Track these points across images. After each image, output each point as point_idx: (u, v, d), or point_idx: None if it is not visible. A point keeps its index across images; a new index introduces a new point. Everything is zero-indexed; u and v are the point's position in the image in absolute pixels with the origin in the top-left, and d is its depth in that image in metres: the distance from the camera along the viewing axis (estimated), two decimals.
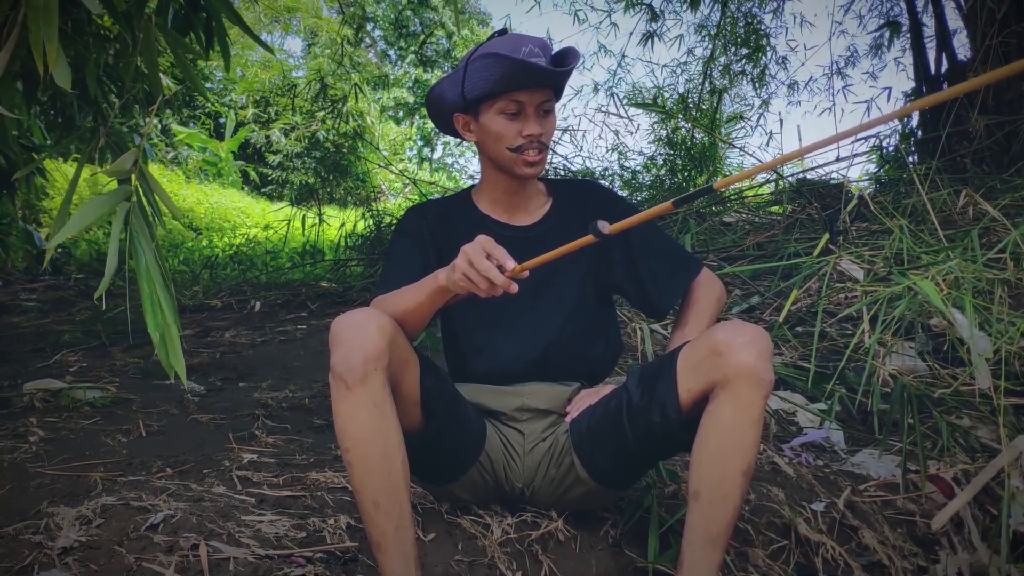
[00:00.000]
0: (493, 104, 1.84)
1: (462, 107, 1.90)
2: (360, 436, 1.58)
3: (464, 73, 1.85)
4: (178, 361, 1.84)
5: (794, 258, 3.43)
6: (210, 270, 7.41)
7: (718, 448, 1.60)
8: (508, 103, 1.82)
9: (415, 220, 2.02)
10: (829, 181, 5.67)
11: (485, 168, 2.00)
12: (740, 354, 1.54)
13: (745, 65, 8.59)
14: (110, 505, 1.94)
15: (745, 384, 1.54)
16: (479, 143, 1.93)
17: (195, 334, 4.94)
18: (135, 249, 1.86)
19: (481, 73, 1.81)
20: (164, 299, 1.85)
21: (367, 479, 1.60)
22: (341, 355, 1.57)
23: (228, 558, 1.74)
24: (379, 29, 24.21)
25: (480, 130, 1.89)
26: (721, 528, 1.61)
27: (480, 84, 1.82)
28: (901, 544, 2.18)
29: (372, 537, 1.62)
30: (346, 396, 1.57)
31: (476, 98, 1.84)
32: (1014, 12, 4.76)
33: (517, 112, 1.84)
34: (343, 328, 1.59)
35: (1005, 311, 2.24)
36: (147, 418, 2.86)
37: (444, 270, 1.61)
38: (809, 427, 2.80)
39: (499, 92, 1.81)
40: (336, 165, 8.06)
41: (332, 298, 6.21)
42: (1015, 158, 4.42)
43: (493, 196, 2.02)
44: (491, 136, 1.87)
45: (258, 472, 2.30)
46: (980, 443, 2.53)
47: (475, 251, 1.50)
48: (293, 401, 3.22)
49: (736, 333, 1.56)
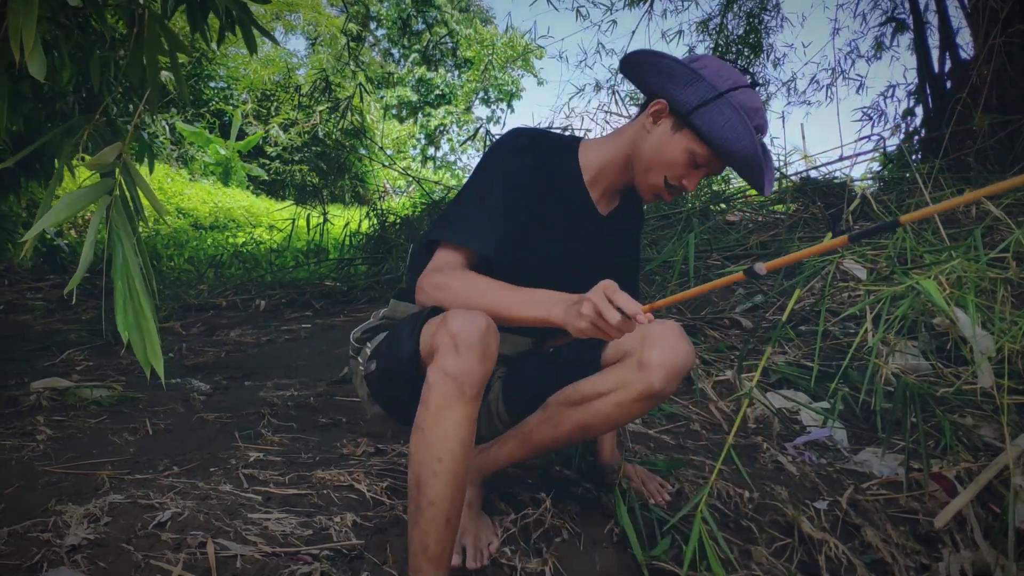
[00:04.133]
0: (699, 144, 1.77)
1: (676, 107, 1.78)
2: (458, 451, 1.52)
3: (710, 98, 1.74)
4: (156, 357, 1.76)
5: None
6: (215, 269, 7.43)
7: (588, 394, 1.78)
8: (708, 159, 1.78)
9: (523, 157, 1.85)
10: (833, 180, 5.68)
11: (623, 151, 1.89)
12: (653, 351, 1.70)
13: (745, 63, 8.61)
14: (118, 503, 1.95)
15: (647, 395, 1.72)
16: (649, 136, 1.83)
17: (200, 333, 4.96)
18: (113, 244, 1.81)
19: (721, 121, 1.73)
20: (142, 295, 1.79)
21: (449, 494, 1.54)
22: (468, 362, 1.49)
23: (235, 556, 1.76)
24: (382, 28, 24.24)
25: (665, 137, 1.80)
26: (538, 440, 1.85)
27: (712, 126, 1.74)
28: (904, 542, 2.19)
29: (430, 550, 1.55)
30: (459, 405, 1.50)
31: (697, 127, 1.75)
32: (1017, 11, 4.76)
33: (701, 167, 1.81)
34: (472, 332, 1.50)
35: (1008, 310, 2.25)
36: (153, 417, 2.87)
37: (560, 305, 1.56)
38: (812, 426, 2.81)
39: (716, 151, 1.76)
40: (335, 162, 8.06)
41: (336, 297, 6.23)
42: (1019, 157, 4.42)
43: (602, 175, 1.93)
44: (664, 154, 1.80)
45: (264, 470, 2.31)
46: (983, 442, 2.54)
47: (602, 302, 1.47)
48: (299, 400, 3.23)
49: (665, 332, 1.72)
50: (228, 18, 2.85)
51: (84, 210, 1.88)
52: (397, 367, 1.71)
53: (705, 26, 8.60)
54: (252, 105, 15.99)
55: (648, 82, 1.85)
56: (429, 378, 1.52)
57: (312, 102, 7.80)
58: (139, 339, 1.77)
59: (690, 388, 3.04)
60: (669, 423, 2.83)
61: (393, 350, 1.75)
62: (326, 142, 8.25)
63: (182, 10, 2.71)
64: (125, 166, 1.94)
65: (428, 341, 1.58)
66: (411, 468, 1.57)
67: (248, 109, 15.77)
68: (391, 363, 1.75)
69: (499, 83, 25.13)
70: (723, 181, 8.29)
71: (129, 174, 1.96)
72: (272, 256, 8.17)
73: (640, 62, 1.85)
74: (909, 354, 2.92)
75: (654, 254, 4.17)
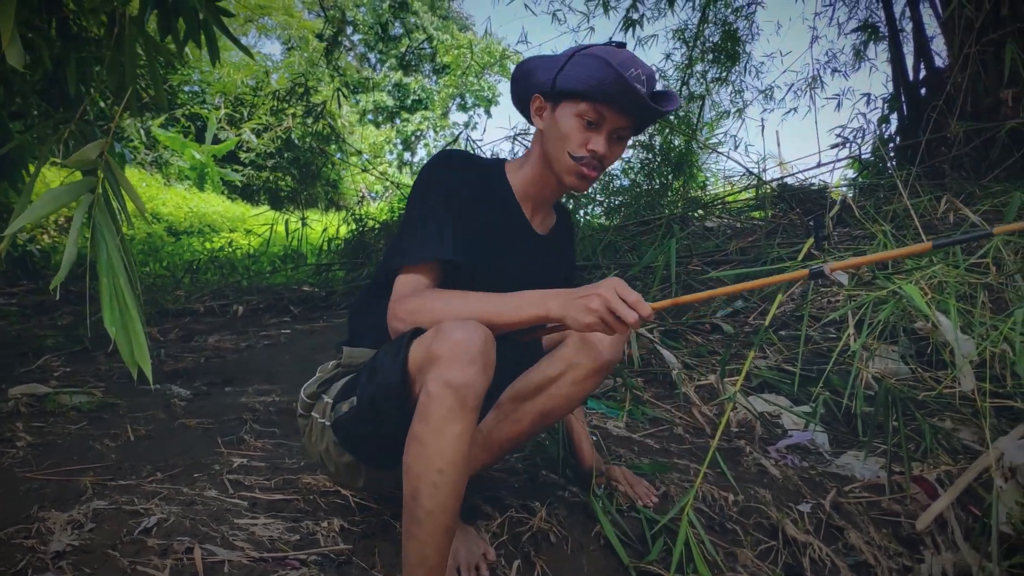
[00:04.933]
0: (577, 104, 1.77)
1: (547, 91, 1.82)
2: (459, 462, 1.49)
3: (565, 62, 1.78)
4: (143, 359, 1.74)
5: (777, 263, 3.47)
6: (191, 274, 7.38)
7: (541, 382, 1.80)
8: (591, 111, 1.77)
9: (457, 174, 1.84)
10: (809, 186, 5.73)
11: (536, 160, 1.91)
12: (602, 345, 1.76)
13: (722, 71, 8.69)
14: (101, 509, 1.94)
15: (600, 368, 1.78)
16: (544, 133, 1.85)
17: (178, 338, 4.92)
18: (97, 242, 1.79)
19: (581, 71, 1.75)
20: (128, 294, 1.77)
21: (450, 505, 1.51)
22: (471, 373, 1.46)
23: (223, 561, 1.75)
24: (358, 33, 24.20)
25: (551, 122, 1.82)
26: (501, 439, 1.84)
27: (575, 80, 1.75)
28: (886, 544, 2.21)
29: (429, 560, 1.53)
30: (461, 417, 1.47)
31: (565, 90, 1.77)
32: (991, 20, 4.83)
33: (594, 124, 1.79)
34: (475, 343, 1.47)
35: (987, 315, 2.28)
36: (134, 423, 2.85)
37: (555, 300, 1.56)
38: (794, 429, 2.83)
39: (589, 96, 1.76)
40: (307, 168, 8.02)
41: (315, 302, 6.20)
42: (993, 164, 4.48)
43: (529, 189, 1.94)
44: (559, 133, 1.80)
45: (249, 476, 2.30)
46: (962, 445, 2.57)
47: (612, 296, 1.48)
48: (280, 405, 3.22)
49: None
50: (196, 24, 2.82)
51: (66, 207, 1.85)
52: (384, 395, 1.62)
53: (681, 33, 8.66)
54: (226, 110, 15.89)
55: (519, 96, 1.92)
56: (430, 389, 1.47)
57: (287, 106, 7.75)
58: (125, 339, 1.74)
59: (673, 392, 3.05)
60: (653, 427, 2.85)
61: (377, 378, 1.65)
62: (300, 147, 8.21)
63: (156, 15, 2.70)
64: (108, 164, 1.92)
65: (420, 357, 1.53)
66: (407, 480, 1.52)
67: (221, 115, 15.66)
68: (376, 392, 1.64)
69: (476, 89, 25.15)
70: (700, 188, 8.35)
71: (112, 173, 1.94)
72: (248, 261, 8.13)
73: (511, 89, 1.94)
74: (889, 359, 2.95)
75: (635, 259, 4.19)
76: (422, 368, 1.52)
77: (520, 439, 1.87)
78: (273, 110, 13.82)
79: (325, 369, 1.94)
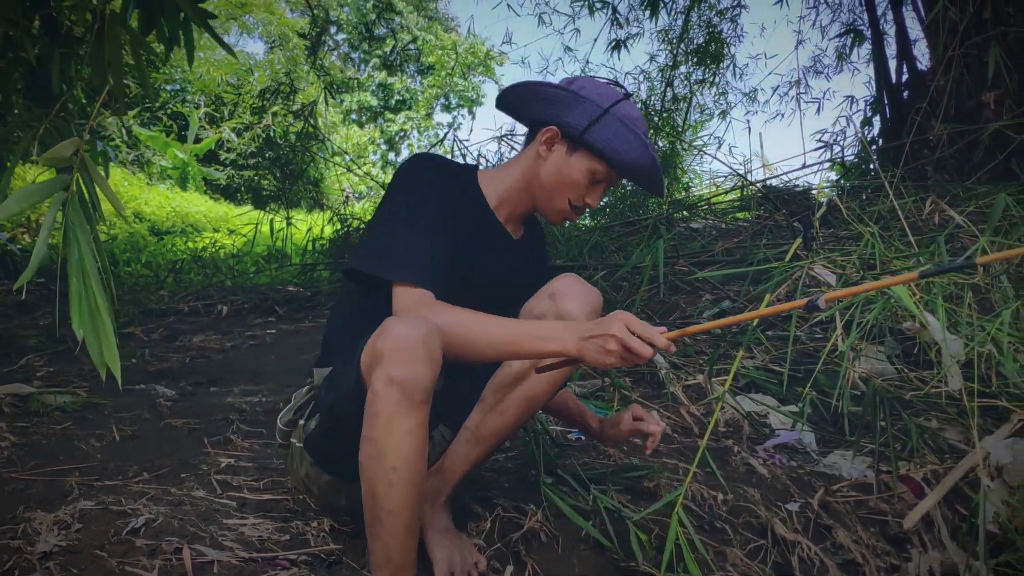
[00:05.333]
0: (596, 162, 1.84)
1: (568, 131, 1.84)
2: (413, 458, 1.47)
3: (598, 116, 1.81)
4: (113, 359, 1.68)
5: (763, 263, 3.48)
6: (175, 274, 7.33)
7: (522, 369, 1.79)
8: (605, 173, 1.85)
9: (441, 176, 1.84)
10: (793, 188, 5.76)
11: (519, 178, 1.92)
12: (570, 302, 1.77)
13: (706, 74, 8.73)
14: (88, 509, 1.92)
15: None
16: (544, 163, 1.87)
17: (163, 338, 4.89)
18: (70, 240, 1.73)
19: (614, 137, 1.80)
20: (98, 295, 1.71)
21: (408, 503, 1.49)
22: (414, 367, 1.43)
23: (212, 561, 1.74)
24: (342, 32, 24.13)
25: (562, 162, 1.85)
26: (489, 432, 1.84)
27: (605, 142, 1.80)
28: (874, 543, 2.23)
29: (394, 561, 1.52)
30: (410, 413, 1.44)
31: (591, 145, 1.82)
32: (973, 24, 4.87)
33: (597, 180, 1.86)
34: (415, 336, 1.45)
35: (974, 315, 2.30)
36: (120, 423, 2.83)
37: (571, 338, 1.55)
38: (781, 429, 2.84)
39: (612, 164, 1.83)
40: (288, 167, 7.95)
41: (300, 302, 6.18)
42: (977, 167, 4.52)
43: (505, 201, 1.94)
44: (566, 177, 1.85)
45: (237, 476, 2.29)
46: (948, 444, 2.59)
47: (626, 335, 1.49)
48: (267, 405, 3.20)
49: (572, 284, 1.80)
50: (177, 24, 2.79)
51: (38, 205, 1.82)
52: (340, 401, 1.63)
53: (666, 34, 8.69)
54: (206, 108, 15.79)
55: (532, 112, 1.90)
56: (375, 388, 1.44)
57: (270, 105, 7.69)
58: (95, 340, 1.69)
59: (661, 392, 3.06)
60: None
61: (334, 389, 1.68)
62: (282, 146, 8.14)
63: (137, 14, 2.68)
64: (83, 162, 1.89)
65: (367, 358, 1.51)
66: (364, 482, 1.50)
67: (201, 113, 15.56)
68: (334, 400, 1.66)
69: (460, 89, 25.14)
70: (684, 190, 8.38)
71: (87, 170, 1.90)
72: (232, 261, 8.09)
73: (520, 95, 1.91)
74: (875, 359, 2.97)
75: (621, 259, 4.20)
76: (368, 369, 1.50)
77: (509, 428, 1.86)
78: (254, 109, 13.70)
79: (299, 395, 1.91)
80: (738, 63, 8.58)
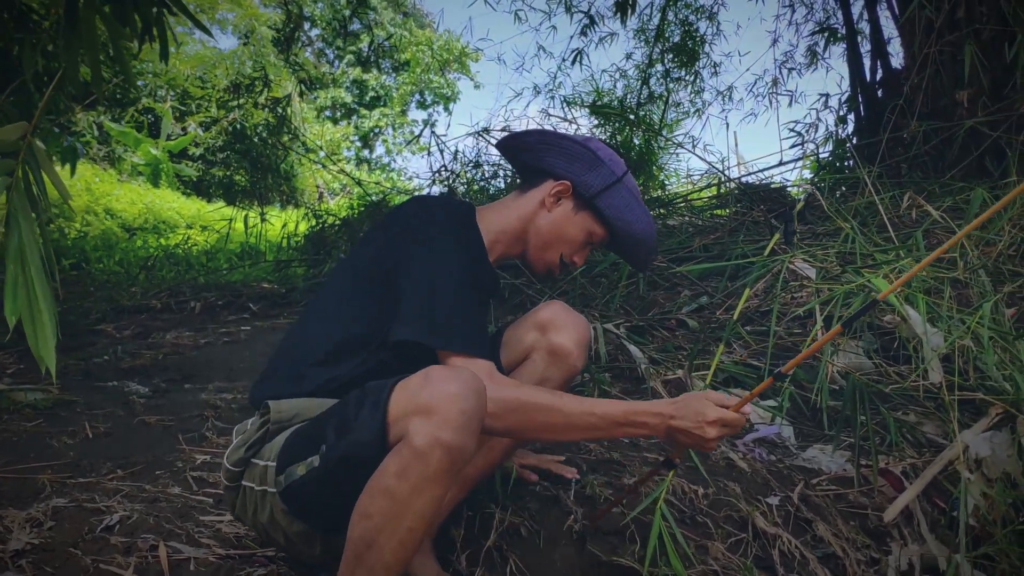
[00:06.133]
0: (598, 227, 1.89)
1: (581, 190, 1.86)
2: (429, 520, 1.38)
3: (613, 182, 1.85)
4: (48, 352, 1.61)
5: (742, 259, 3.49)
6: (147, 271, 7.24)
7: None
8: (601, 237, 1.91)
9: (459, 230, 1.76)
10: (769, 185, 5.78)
11: (516, 224, 1.90)
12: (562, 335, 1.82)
13: (682, 72, 8.75)
14: (61, 507, 1.89)
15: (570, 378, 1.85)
16: (546, 214, 1.88)
17: (135, 335, 4.82)
18: (11, 226, 1.67)
19: (626, 211, 1.87)
20: (38, 283, 1.63)
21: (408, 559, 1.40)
22: (467, 437, 1.33)
23: (188, 558, 1.71)
24: (316, 27, 23.97)
25: (565, 217, 1.88)
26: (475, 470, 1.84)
27: (615, 212, 1.86)
28: (854, 536, 2.23)
29: None
30: (446, 482, 1.34)
31: (601, 211, 1.87)
32: (948, 22, 4.90)
33: (590, 243, 1.92)
34: (471, 401, 1.35)
35: (954, 308, 2.31)
36: (92, 420, 2.78)
37: (657, 425, 1.59)
38: (760, 423, 2.84)
39: (616, 235, 1.90)
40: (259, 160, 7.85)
41: (275, 299, 6.12)
42: (951, 164, 4.55)
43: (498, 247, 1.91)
44: (563, 232, 1.88)
45: (213, 473, 2.26)
46: (926, 438, 2.60)
47: (719, 416, 1.55)
48: (242, 402, 3.16)
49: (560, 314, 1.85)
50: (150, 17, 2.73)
51: None
52: (360, 452, 1.41)
53: (642, 32, 8.70)
54: (173, 103, 15.58)
55: (548, 161, 1.89)
56: (417, 444, 1.31)
57: (238, 98, 7.60)
58: (31, 330, 1.62)
59: (640, 387, 3.05)
60: None
61: (350, 435, 1.43)
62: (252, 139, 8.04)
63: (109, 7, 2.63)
64: (30, 147, 1.83)
65: (405, 405, 1.37)
66: (363, 527, 1.37)
67: (167, 107, 15.36)
68: (349, 449, 1.43)
69: (435, 86, 25.05)
70: (659, 188, 8.38)
71: (34, 156, 1.85)
72: (205, 259, 8.00)
73: (541, 141, 1.90)
74: (852, 353, 2.98)
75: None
76: (405, 417, 1.36)
77: (494, 466, 1.88)
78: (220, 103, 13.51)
79: (245, 430, 1.71)
80: (714, 60, 8.56)
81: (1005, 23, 4.68)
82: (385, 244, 1.73)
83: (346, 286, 1.76)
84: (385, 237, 1.74)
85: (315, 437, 1.51)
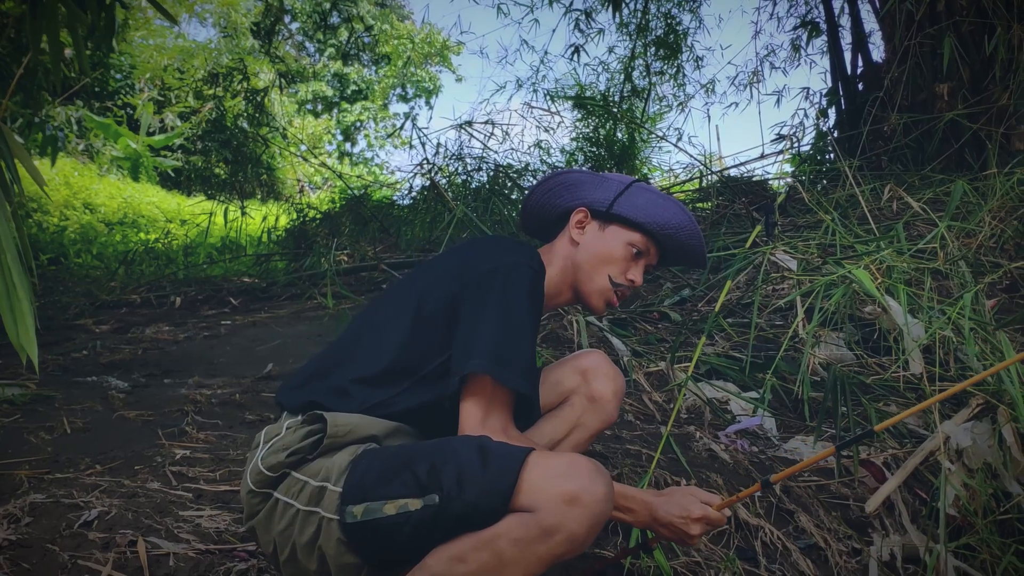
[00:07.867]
0: (631, 232, 1.74)
1: (596, 207, 1.77)
2: None
3: (623, 189, 1.77)
4: (29, 342, 1.56)
5: (724, 251, 3.49)
6: (126, 265, 7.17)
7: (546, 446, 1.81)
8: (643, 242, 1.75)
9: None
10: (750, 178, 5.80)
11: (559, 269, 1.79)
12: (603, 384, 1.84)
13: (664, 65, 8.76)
14: (39, 503, 1.86)
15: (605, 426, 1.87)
16: (581, 247, 1.77)
17: (114, 330, 4.78)
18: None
19: (645, 203, 1.75)
20: (15, 270, 1.58)
21: None
22: (589, 538, 1.32)
23: (168, 554, 1.70)
24: (296, 21, 23.84)
25: (595, 239, 1.76)
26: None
27: (635, 208, 1.74)
28: (836, 527, 2.24)
29: None
30: (556, 563, 1.33)
31: (622, 215, 1.74)
32: (928, 15, 4.93)
33: (641, 255, 1.76)
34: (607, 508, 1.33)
35: (935, 300, 2.32)
36: (71, 415, 2.75)
37: (647, 512, 1.58)
38: (742, 415, 2.85)
39: (645, 229, 1.74)
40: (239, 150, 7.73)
41: (255, 293, 6.08)
42: (931, 156, 4.58)
43: (551, 300, 1.82)
44: (604, 253, 1.74)
45: (193, 467, 2.24)
46: (907, 429, 2.61)
47: (704, 514, 1.56)
48: (223, 397, 3.14)
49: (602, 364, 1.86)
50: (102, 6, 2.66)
51: None
52: (486, 511, 1.33)
53: (625, 26, 8.69)
54: (150, 95, 15.42)
55: (558, 202, 1.83)
56: (548, 523, 1.28)
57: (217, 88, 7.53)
58: (10, 319, 1.57)
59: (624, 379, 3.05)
60: None
61: (473, 491, 1.34)
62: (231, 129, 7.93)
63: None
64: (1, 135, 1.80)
65: (551, 485, 1.31)
66: (450, 567, 1.34)
67: (145, 98, 15.20)
68: (476, 506, 1.34)
69: (417, 79, 24.97)
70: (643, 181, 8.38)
71: (5, 141, 1.81)
72: (184, 253, 7.94)
73: (540, 199, 1.85)
74: (834, 345, 2.99)
75: None
76: (540, 492, 1.31)
77: None
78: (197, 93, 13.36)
79: (280, 433, 1.54)
80: (696, 53, 8.58)
81: (984, 16, 4.71)
82: (460, 279, 1.63)
83: (406, 310, 1.65)
84: (461, 273, 1.64)
85: (410, 480, 1.39)
